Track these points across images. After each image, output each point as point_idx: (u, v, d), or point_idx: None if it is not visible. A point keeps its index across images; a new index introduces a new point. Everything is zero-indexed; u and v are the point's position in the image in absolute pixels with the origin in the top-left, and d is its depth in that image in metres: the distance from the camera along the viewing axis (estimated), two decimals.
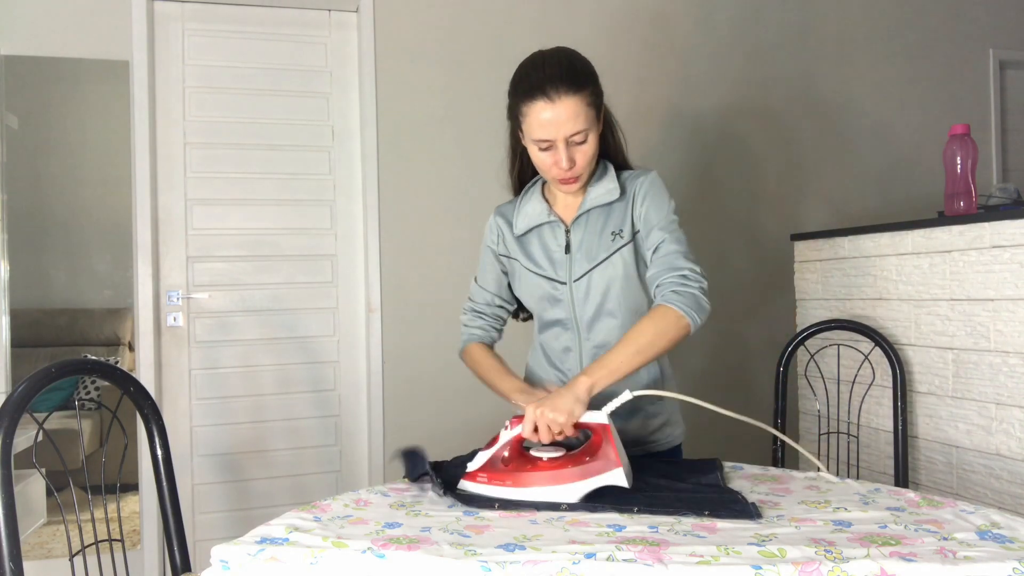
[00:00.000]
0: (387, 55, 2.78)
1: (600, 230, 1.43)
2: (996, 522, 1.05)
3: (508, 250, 1.52)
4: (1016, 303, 1.82)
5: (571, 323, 1.46)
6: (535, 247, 1.48)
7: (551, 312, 1.47)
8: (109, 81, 2.60)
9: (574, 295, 1.44)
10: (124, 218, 2.60)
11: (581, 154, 1.35)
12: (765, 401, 2.17)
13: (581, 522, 1.09)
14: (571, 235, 1.44)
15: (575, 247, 1.44)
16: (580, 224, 1.44)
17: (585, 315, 1.44)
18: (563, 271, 1.44)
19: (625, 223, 1.42)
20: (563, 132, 1.32)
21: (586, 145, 1.35)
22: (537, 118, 1.33)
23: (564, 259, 1.44)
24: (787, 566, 0.90)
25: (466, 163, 2.83)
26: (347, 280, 2.84)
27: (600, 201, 1.43)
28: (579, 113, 1.31)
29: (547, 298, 1.46)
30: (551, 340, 1.50)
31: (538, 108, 1.32)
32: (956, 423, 2.01)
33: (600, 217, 1.43)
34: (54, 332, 2.63)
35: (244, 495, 2.71)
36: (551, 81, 1.31)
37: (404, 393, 2.77)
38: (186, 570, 1.49)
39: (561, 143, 1.33)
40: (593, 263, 1.41)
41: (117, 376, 1.48)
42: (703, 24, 3.09)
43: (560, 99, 1.30)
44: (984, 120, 3.41)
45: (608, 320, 1.43)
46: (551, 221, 1.46)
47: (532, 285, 1.47)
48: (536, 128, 1.34)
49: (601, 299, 1.42)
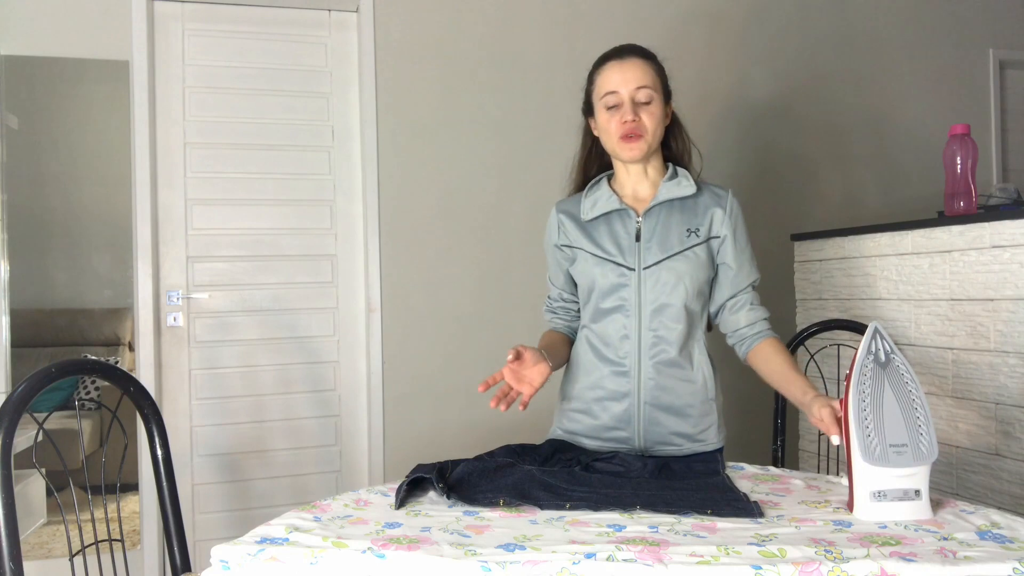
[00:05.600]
0: (387, 55, 2.78)
1: (675, 224, 1.49)
2: (996, 522, 1.05)
3: (570, 240, 1.55)
4: (1016, 303, 1.82)
5: (633, 310, 1.47)
6: (603, 234, 1.51)
7: (613, 299, 1.49)
8: (109, 81, 2.60)
9: (642, 282, 1.47)
10: (124, 218, 2.60)
11: (647, 114, 1.46)
12: (765, 401, 2.17)
13: (581, 522, 1.09)
14: (643, 224, 1.49)
15: (647, 236, 1.48)
16: (653, 215, 1.49)
17: (650, 304, 1.47)
18: (632, 258, 1.48)
19: (703, 225, 1.49)
20: (630, 86, 1.45)
21: (651, 107, 1.46)
22: (607, 75, 1.48)
23: (634, 247, 1.48)
24: (787, 566, 0.90)
25: (466, 163, 2.83)
26: (347, 280, 2.84)
27: (674, 195, 1.49)
28: (646, 73, 1.47)
29: (612, 284, 1.48)
30: (608, 327, 1.50)
31: (609, 68, 1.48)
32: (956, 423, 2.01)
33: (674, 212, 1.50)
34: (54, 332, 2.63)
35: (244, 495, 2.71)
36: (622, 50, 1.50)
37: (404, 393, 2.77)
38: (186, 570, 1.49)
39: (628, 99, 1.45)
40: (667, 254, 1.46)
41: (117, 376, 1.48)
42: (701, 26, 3.09)
43: (629, 59, 1.47)
44: (984, 120, 3.41)
45: (669, 311, 1.46)
46: (622, 209, 1.50)
47: (596, 272, 1.50)
48: (606, 83, 1.48)
49: (669, 290, 1.46)
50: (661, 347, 1.47)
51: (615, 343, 1.49)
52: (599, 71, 1.50)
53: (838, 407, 1.19)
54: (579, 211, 1.54)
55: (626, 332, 1.48)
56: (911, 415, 1.10)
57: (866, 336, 1.15)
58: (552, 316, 1.66)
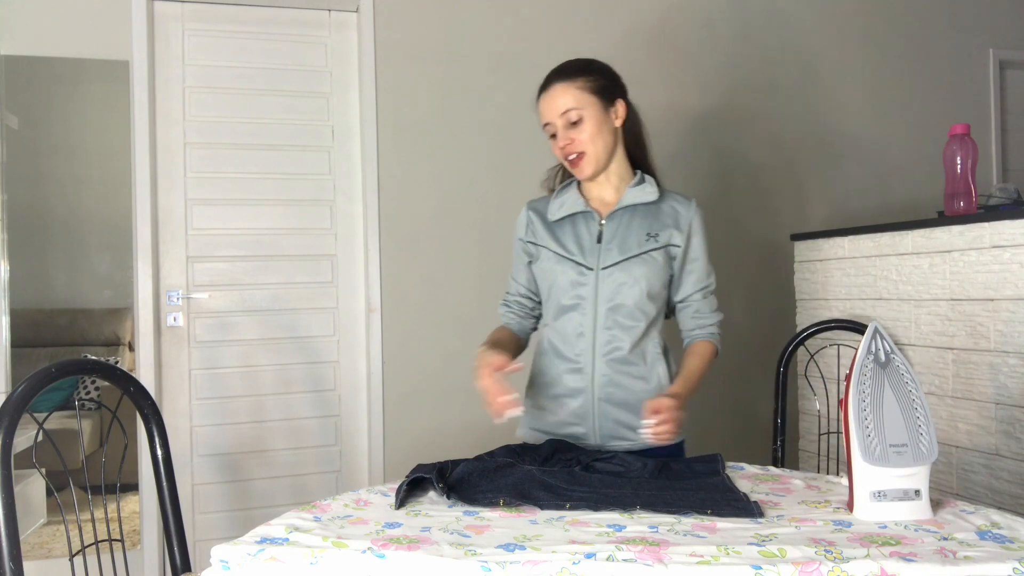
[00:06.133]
0: (387, 55, 2.78)
1: (636, 228, 1.54)
2: (996, 522, 1.05)
3: (536, 238, 1.61)
4: (1016, 303, 1.82)
5: (590, 309, 1.53)
6: (567, 234, 1.57)
7: (570, 297, 1.54)
8: (109, 81, 2.60)
9: (599, 282, 1.52)
10: (124, 218, 2.60)
11: (577, 132, 1.51)
12: (765, 401, 2.17)
13: (581, 522, 1.09)
14: (605, 227, 1.55)
15: (608, 238, 1.54)
16: (616, 218, 1.56)
17: (605, 303, 1.52)
18: (592, 258, 1.54)
19: (663, 232, 1.54)
20: (556, 114, 1.52)
21: (584, 124, 1.51)
22: (540, 109, 1.56)
23: (595, 248, 1.54)
24: (787, 566, 0.90)
25: (466, 163, 2.83)
26: (347, 280, 2.84)
27: (637, 200, 1.56)
28: (567, 96, 1.51)
29: (571, 282, 1.54)
30: (565, 325, 1.55)
31: (540, 101, 1.56)
32: (956, 423, 2.01)
33: (636, 216, 1.56)
34: (54, 332, 2.63)
35: (244, 495, 2.71)
36: (547, 78, 1.56)
37: (404, 393, 2.77)
38: (186, 570, 1.49)
39: (559, 125, 1.52)
40: (625, 255, 1.52)
41: (117, 376, 1.48)
42: (705, 27, 3.09)
43: (551, 87, 1.53)
44: (984, 120, 3.41)
45: (623, 310, 1.52)
46: (586, 211, 1.57)
47: (557, 270, 1.56)
48: (541, 116, 1.55)
49: (624, 290, 1.51)
50: (614, 345, 1.52)
51: (572, 341, 1.55)
52: (537, 105, 1.57)
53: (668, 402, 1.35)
54: (547, 210, 1.62)
55: (582, 330, 1.53)
56: (911, 415, 1.10)
57: (866, 336, 1.15)
58: (506, 310, 1.71)
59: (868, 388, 1.12)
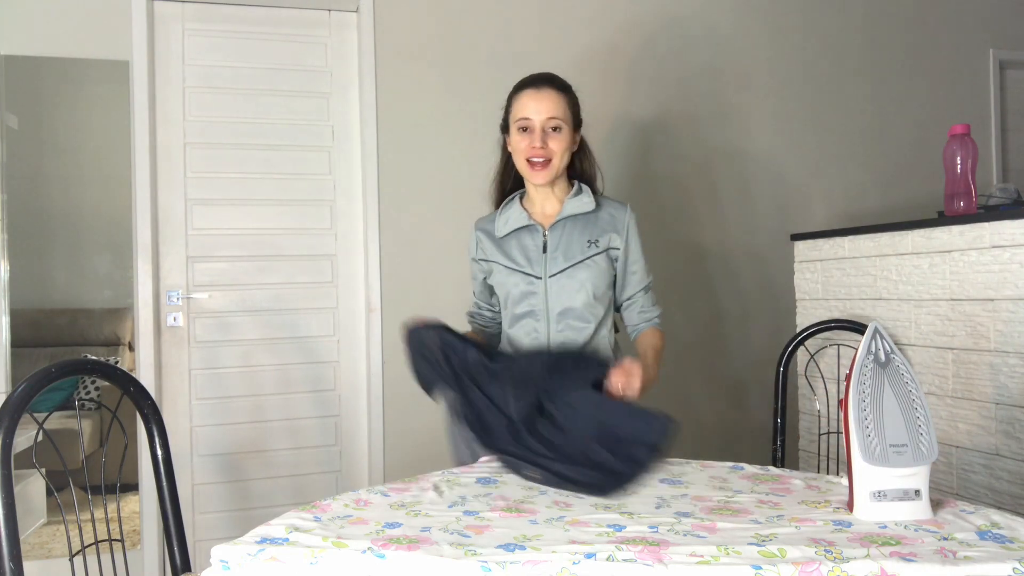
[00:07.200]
0: (387, 55, 2.78)
1: (577, 236, 1.65)
2: (996, 522, 1.05)
3: (487, 255, 1.73)
4: (1016, 303, 1.82)
5: (542, 315, 1.65)
6: (514, 248, 1.69)
7: (524, 305, 1.66)
8: (109, 81, 2.60)
9: (548, 289, 1.64)
10: (124, 218, 2.60)
11: (554, 141, 1.61)
12: (765, 401, 2.17)
13: (581, 522, 1.10)
14: (548, 237, 1.66)
15: (552, 248, 1.65)
16: (558, 229, 1.67)
17: (556, 308, 1.64)
18: (539, 268, 1.65)
19: (602, 237, 1.66)
20: (543, 115, 1.60)
21: (560, 135, 1.62)
22: (523, 102, 1.63)
23: (541, 258, 1.66)
24: (787, 566, 0.90)
25: (466, 163, 2.83)
26: (347, 280, 2.84)
27: (577, 210, 1.66)
28: (558, 105, 1.62)
29: (522, 292, 1.66)
30: (520, 332, 1.68)
31: (525, 95, 1.63)
32: (956, 423, 2.01)
33: (577, 225, 1.67)
34: (54, 332, 2.63)
35: (244, 495, 2.71)
36: (539, 79, 1.66)
37: (404, 393, 2.76)
38: (186, 570, 1.49)
39: (539, 126, 1.61)
40: (570, 262, 1.63)
41: (117, 376, 1.48)
42: (709, 22, 3.09)
43: (544, 89, 1.63)
44: (984, 120, 3.41)
45: (573, 313, 1.64)
46: (530, 225, 1.68)
47: (509, 282, 1.68)
48: (521, 109, 1.62)
49: (572, 294, 1.63)
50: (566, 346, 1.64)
51: (526, 345, 1.67)
52: (517, 96, 1.65)
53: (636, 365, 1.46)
54: (494, 228, 1.72)
55: (536, 335, 1.65)
56: (911, 415, 1.10)
57: (866, 336, 1.15)
58: (471, 320, 1.89)
59: (868, 388, 1.12)
